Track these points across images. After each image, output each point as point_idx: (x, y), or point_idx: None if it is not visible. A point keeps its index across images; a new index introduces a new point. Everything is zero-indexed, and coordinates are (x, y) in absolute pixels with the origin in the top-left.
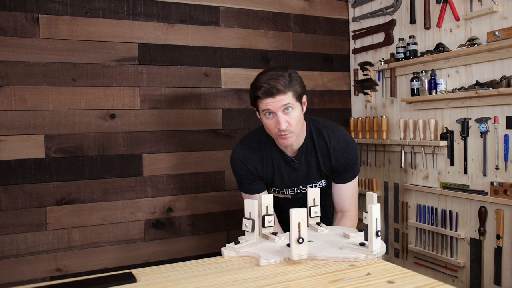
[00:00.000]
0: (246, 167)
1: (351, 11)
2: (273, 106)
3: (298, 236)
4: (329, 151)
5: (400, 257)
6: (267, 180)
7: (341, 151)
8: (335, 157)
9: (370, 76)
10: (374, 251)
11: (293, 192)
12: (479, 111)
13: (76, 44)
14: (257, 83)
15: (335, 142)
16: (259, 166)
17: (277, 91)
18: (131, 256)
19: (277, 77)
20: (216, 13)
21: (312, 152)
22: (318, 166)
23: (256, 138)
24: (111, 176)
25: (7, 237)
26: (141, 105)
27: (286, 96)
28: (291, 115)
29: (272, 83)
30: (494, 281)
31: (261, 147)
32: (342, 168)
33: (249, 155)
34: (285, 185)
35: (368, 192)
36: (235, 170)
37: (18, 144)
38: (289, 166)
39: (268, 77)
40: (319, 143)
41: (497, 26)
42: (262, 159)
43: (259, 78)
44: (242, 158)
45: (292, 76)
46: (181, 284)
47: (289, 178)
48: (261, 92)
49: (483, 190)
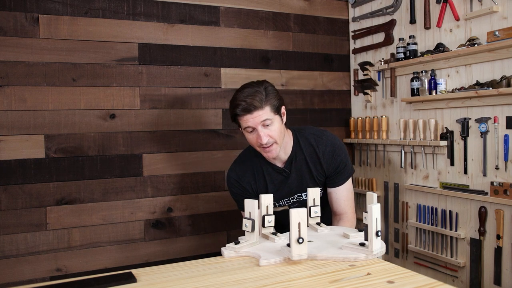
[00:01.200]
0: (241, 185)
1: (351, 11)
2: (252, 122)
3: (298, 236)
4: (318, 156)
5: (400, 257)
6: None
7: (330, 154)
8: (325, 161)
9: (370, 76)
10: (374, 251)
11: (289, 202)
12: (479, 111)
13: (76, 44)
14: (235, 101)
15: (323, 146)
16: (252, 182)
17: (254, 108)
18: (131, 256)
19: (253, 94)
20: (216, 13)
21: (302, 160)
22: (310, 174)
23: (246, 155)
24: (111, 176)
25: (7, 237)
26: (141, 105)
27: (263, 111)
28: (271, 128)
29: (249, 100)
30: (494, 281)
31: (252, 163)
32: (334, 171)
33: (242, 173)
34: (280, 196)
35: (368, 192)
36: (231, 190)
37: (18, 144)
38: (281, 176)
39: (245, 94)
40: (307, 150)
41: (497, 26)
42: (254, 175)
43: (236, 96)
44: (236, 177)
45: (268, 90)
46: (181, 284)
47: (283, 188)
48: (239, 109)
49: (483, 190)
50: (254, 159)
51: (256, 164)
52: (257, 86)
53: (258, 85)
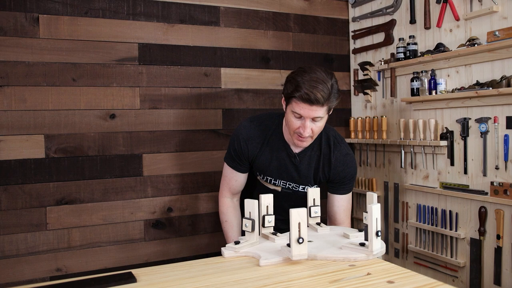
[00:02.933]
0: (246, 146)
1: (351, 11)
2: (305, 113)
3: (298, 236)
4: (330, 160)
5: (400, 257)
6: (259, 167)
7: (341, 163)
8: (335, 167)
9: (370, 76)
10: (374, 251)
11: (284, 186)
12: (479, 111)
13: (76, 44)
14: (299, 83)
15: (338, 153)
16: (257, 149)
17: (316, 102)
18: (131, 256)
19: (321, 87)
20: (216, 13)
21: (316, 156)
22: (316, 171)
23: (266, 122)
24: (111, 176)
25: (7, 237)
26: (141, 105)
27: (322, 109)
28: (317, 124)
29: (314, 92)
30: (494, 281)
31: (268, 132)
32: (340, 180)
33: (253, 135)
34: (279, 176)
35: (368, 192)
36: (233, 143)
37: (18, 144)
38: (290, 160)
39: (312, 82)
40: (325, 149)
41: (497, 26)
42: (263, 144)
43: (303, 79)
44: (245, 136)
45: (333, 89)
46: (181, 284)
47: (286, 171)
48: (300, 95)
49: (483, 190)
50: (273, 130)
51: (272, 135)
52: (326, 79)
53: (327, 78)
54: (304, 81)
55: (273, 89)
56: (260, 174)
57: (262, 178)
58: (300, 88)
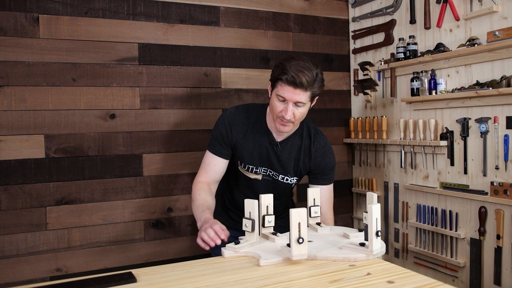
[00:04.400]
0: (230, 129)
1: (351, 11)
2: (289, 96)
3: (298, 236)
4: (311, 151)
5: (400, 257)
6: (242, 155)
7: (320, 153)
8: (315, 158)
9: (370, 76)
10: (374, 251)
11: (265, 173)
12: (479, 111)
13: (76, 44)
14: (286, 68)
15: (318, 144)
16: (240, 135)
17: (300, 86)
18: (131, 256)
19: (306, 72)
20: (216, 13)
21: (297, 146)
22: (297, 162)
23: (251, 110)
24: (111, 176)
25: (7, 237)
26: (141, 105)
27: (304, 94)
28: (299, 110)
29: (300, 75)
30: (494, 281)
31: (252, 121)
32: (320, 171)
33: (237, 121)
34: (260, 164)
35: (368, 192)
36: (217, 127)
37: (18, 144)
38: (272, 148)
39: (299, 68)
40: (305, 141)
41: (497, 26)
42: (246, 131)
43: (290, 64)
44: (230, 120)
45: (317, 77)
46: (181, 284)
47: (268, 159)
48: (286, 78)
49: (483, 190)
50: (257, 118)
51: (256, 123)
52: (312, 67)
53: (313, 67)
54: (291, 65)
55: None
56: (241, 163)
57: (244, 167)
58: (287, 71)
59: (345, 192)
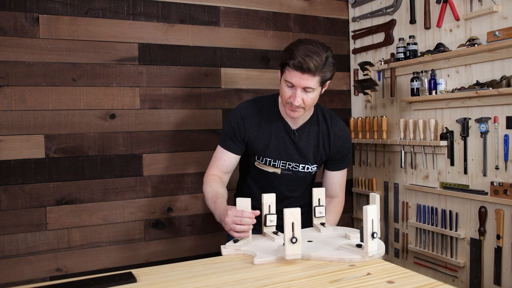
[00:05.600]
0: (243, 123)
1: (351, 11)
2: (297, 81)
3: (292, 236)
4: (329, 136)
5: (400, 257)
6: (258, 148)
7: (340, 138)
8: (334, 143)
9: (370, 76)
10: (370, 252)
11: (284, 167)
12: (479, 111)
13: (76, 44)
14: (293, 52)
15: (336, 128)
16: (255, 128)
17: (308, 71)
18: (131, 256)
19: (314, 55)
20: (216, 13)
21: (314, 132)
22: (316, 148)
23: (264, 101)
24: (111, 176)
25: (7, 237)
26: (141, 105)
27: (313, 79)
28: (308, 95)
29: (307, 60)
30: (494, 281)
31: (266, 112)
32: (339, 156)
33: (250, 114)
34: (279, 157)
35: (371, 193)
36: (229, 121)
37: (18, 144)
38: (289, 137)
39: (306, 52)
40: (322, 126)
41: (497, 26)
42: (261, 123)
43: (297, 47)
44: (243, 114)
45: (328, 61)
46: (181, 284)
47: (285, 150)
48: (293, 63)
49: (483, 190)
50: (271, 109)
51: (270, 114)
52: (321, 51)
53: (322, 50)
54: (299, 49)
55: (273, 89)
56: (259, 157)
57: (261, 161)
58: (294, 56)
59: (345, 192)
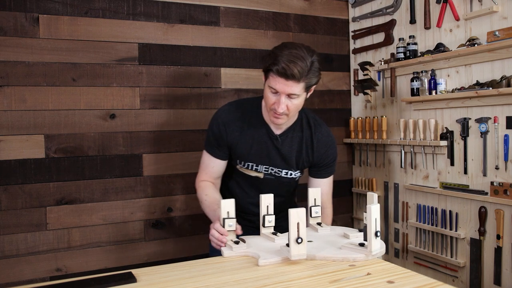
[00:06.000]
0: (225, 130)
1: (351, 11)
2: (281, 88)
3: (297, 236)
4: (313, 142)
5: (400, 257)
6: (240, 152)
7: (323, 144)
8: (317, 149)
9: (370, 76)
10: (373, 251)
11: (266, 171)
12: (479, 111)
13: (76, 44)
14: (277, 58)
15: (320, 134)
16: (236, 133)
17: (292, 77)
18: (131, 256)
19: (299, 60)
20: (216, 13)
21: (298, 138)
22: (299, 154)
23: (247, 105)
24: (111, 176)
25: (7, 237)
26: (141, 105)
27: (298, 85)
28: (293, 102)
29: (291, 66)
30: (494, 281)
31: (248, 116)
32: (323, 163)
33: (232, 119)
34: (261, 162)
35: (369, 193)
36: (211, 128)
37: (18, 144)
38: (272, 142)
39: (290, 56)
40: (306, 132)
41: (497, 26)
42: (242, 127)
43: (281, 53)
44: (224, 120)
45: (313, 66)
46: (181, 284)
47: (268, 155)
48: (277, 69)
49: (483, 190)
50: (252, 112)
51: (252, 119)
52: (306, 55)
53: (307, 54)
54: (283, 55)
55: None
56: (241, 162)
57: (243, 166)
58: (278, 62)
59: (345, 192)
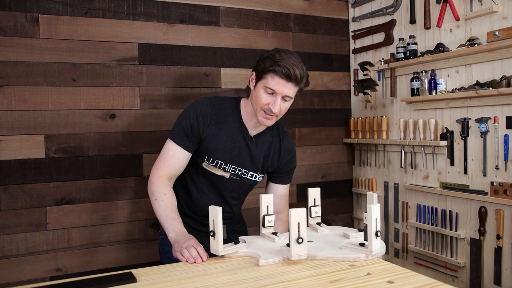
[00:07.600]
0: (202, 120)
1: (351, 11)
2: (280, 89)
3: (298, 236)
4: (281, 148)
5: (400, 257)
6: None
7: (289, 152)
8: (284, 156)
9: (370, 76)
10: (374, 251)
11: (233, 172)
12: (479, 111)
13: (76, 44)
14: (279, 60)
15: (287, 143)
16: (213, 128)
17: (294, 79)
18: (131, 256)
19: (299, 67)
20: (216, 13)
21: (268, 142)
22: (266, 158)
23: (225, 102)
24: (111, 176)
25: (7, 237)
26: (141, 105)
27: (295, 88)
28: (285, 104)
29: (294, 69)
30: (494, 281)
31: (226, 113)
32: (286, 169)
33: (211, 113)
34: (231, 161)
35: (369, 192)
36: (185, 117)
37: (18, 144)
38: (245, 143)
39: (292, 62)
40: (275, 137)
41: (497, 26)
42: (220, 123)
43: (283, 57)
44: (204, 112)
45: (305, 73)
46: (181, 284)
47: (239, 155)
48: (280, 70)
49: (483, 190)
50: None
51: (230, 117)
52: (301, 63)
53: (301, 62)
54: (284, 58)
55: None
56: (209, 159)
57: (211, 163)
58: (280, 63)
59: (345, 192)
